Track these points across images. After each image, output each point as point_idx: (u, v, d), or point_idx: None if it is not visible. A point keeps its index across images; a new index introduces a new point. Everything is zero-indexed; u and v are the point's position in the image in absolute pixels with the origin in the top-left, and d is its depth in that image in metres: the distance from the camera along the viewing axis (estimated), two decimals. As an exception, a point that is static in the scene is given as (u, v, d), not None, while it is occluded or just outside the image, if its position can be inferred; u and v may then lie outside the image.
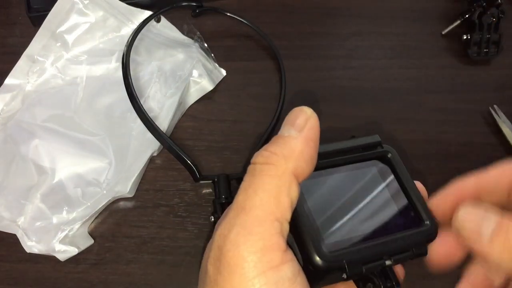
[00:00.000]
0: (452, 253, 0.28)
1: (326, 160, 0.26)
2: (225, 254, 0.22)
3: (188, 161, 0.42)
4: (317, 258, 0.23)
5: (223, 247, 0.22)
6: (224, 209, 0.35)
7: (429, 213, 0.27)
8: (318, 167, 0.24)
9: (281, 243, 0.22)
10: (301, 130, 0.23)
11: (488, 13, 0.52)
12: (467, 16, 0.54)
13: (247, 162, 0.34)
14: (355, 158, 0.27)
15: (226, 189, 0.42)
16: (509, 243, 0.23)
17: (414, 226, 0.26)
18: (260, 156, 0.23)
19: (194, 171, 0.42)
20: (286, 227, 0.23)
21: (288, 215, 0.23)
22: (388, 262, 0.24)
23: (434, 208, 0.28)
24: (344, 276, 0.23)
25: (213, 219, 0.41)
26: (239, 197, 0.23)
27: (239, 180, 0.30)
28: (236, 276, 0.21)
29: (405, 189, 0.27)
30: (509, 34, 0.54)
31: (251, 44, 0.54)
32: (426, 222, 0.26)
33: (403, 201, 0.27)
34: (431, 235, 0.26)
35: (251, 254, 0.21)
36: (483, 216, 0.25)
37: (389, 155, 0.28)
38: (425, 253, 0.26)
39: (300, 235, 0.23)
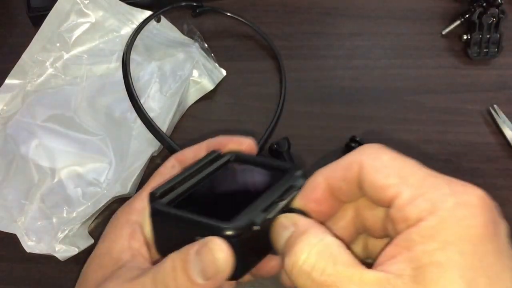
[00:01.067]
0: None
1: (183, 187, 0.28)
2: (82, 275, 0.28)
3: (188, 161, 0.42)
4: (228, 231, 0.23)
5: (84, 271, 0.28)
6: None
7: (283, 162, 0.29)
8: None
9: None
10: (208, 279, 0.23)
11: (488, 13, 0.52)
12: (467, 16, 0.54)
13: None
14: (208, 174, 0.29)
15: None
16: (296, 262, 0.21)
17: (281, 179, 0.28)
18: None
19: (194, 171, 0.42)
20: None
21: None
22: (282, 203, 0.25)
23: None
24: (257, 227, 0.24)
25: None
26: None
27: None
28: None
29: (258, 164, 0.30)
30: (509, 34, 0.53)
31: (251, 44, 0.54)
32: (288, 167, 0.28)
33: (263, 175, 0.29)
34: (302, 171, 0.28)
35: None
36: (291, 223, 0.23)
37: (231, 158, 0.31)
38: (304, 183, 0.26)
39: (202, 232, 0.24)
